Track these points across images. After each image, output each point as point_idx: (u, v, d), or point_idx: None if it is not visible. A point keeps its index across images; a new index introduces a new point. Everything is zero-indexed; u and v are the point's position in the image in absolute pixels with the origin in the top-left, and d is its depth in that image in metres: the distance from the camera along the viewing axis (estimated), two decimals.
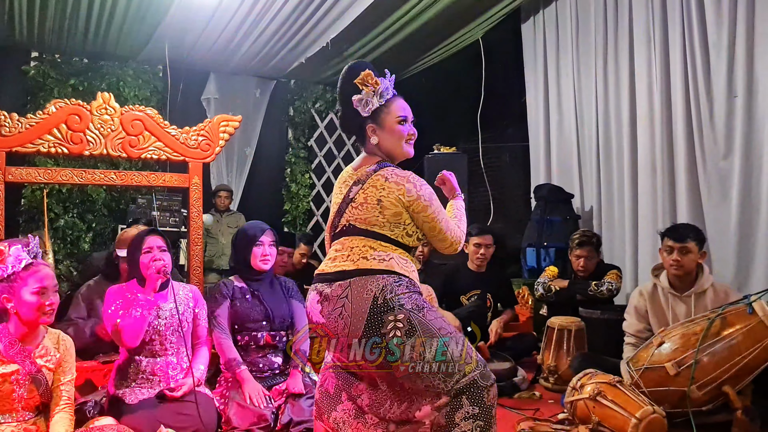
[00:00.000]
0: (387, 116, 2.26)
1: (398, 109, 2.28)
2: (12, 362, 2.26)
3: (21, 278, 2.28)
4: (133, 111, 4.34)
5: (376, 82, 2.23)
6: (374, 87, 2.23)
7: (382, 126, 2.26)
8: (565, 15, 5.77)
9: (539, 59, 6.08)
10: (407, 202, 2.16)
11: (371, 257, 2.13)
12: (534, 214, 5.52)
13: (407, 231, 2.21)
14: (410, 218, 2.20)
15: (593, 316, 4.03)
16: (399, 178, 2.18)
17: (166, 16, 5.47)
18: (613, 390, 2.78)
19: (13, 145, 3.96)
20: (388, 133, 2.27)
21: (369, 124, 2.27)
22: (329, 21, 5.71)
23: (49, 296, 2.30)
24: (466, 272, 4.42)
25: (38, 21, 5.56)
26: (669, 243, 3.27)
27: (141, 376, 2.82)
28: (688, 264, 3.23)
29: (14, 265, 2.27)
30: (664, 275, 3.35)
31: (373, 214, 2.17)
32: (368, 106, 2.24)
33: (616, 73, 5.22)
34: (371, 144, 2.28)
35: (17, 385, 2.24)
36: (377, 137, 2.27)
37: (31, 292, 2.27)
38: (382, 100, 2.24)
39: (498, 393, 3.50)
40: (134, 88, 6.63)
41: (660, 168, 4.75)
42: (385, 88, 2.25)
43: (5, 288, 2.27)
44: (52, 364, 2.36)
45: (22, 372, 2.25)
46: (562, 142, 5.83)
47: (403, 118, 2.28)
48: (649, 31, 4.87)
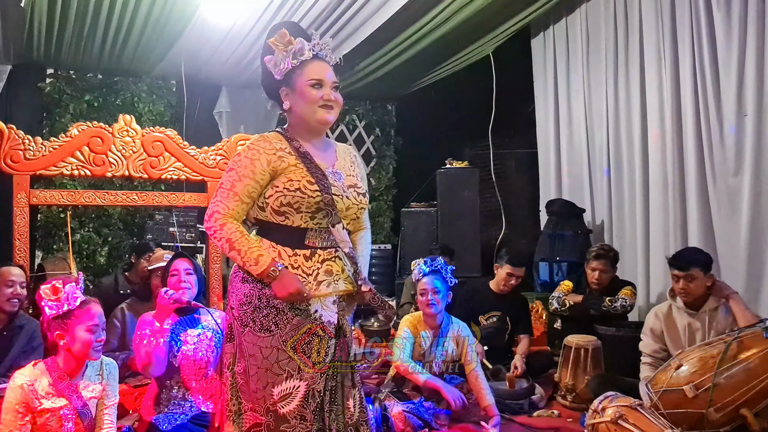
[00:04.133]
0: (299, 78, 2.07)
1: (312, 71, 2.07)
2: (61, 396, 2.34)
3: (75, 316, 2.36)
4: (153, 132, 4.41)
5: (290, 41, 2.05)
6: (287, 46, 2.05)
7: (293, 89, 2.08)
8: (575, 31, 5.84)
9: (549, 74, 6.15)
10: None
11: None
12: (546, 229, 5.58)
13: (257, 204, 2.09)
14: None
15: (609, 333, 4.09)
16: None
17: (181, 35, 5.54)
18: (634, 413, 2.84)
19: (37, 169, 4.03)
20: (299, 97, 2.08)
21: (282, 87, 2.11)
22: (342, 38, 5.78)
23: (100, 333, 2.39)
24: (488, 293, 4.44)
25: (56, 39, 5.63)
26: (674, 272, 3.39)
27: (173, 402, 2.88)
28: (694, 290, 3.34)
29: (69, 303, 2.35)
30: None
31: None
32: (279, 67, 2.07)
33: (627, 89, 5.28)
34: (284, 109, 2.14)
35: (65, 420, 2.32)
36: (289, 101, 2.11)
37: (85, 329, 2.36)
38: (296, 61, 2.06)
39: (517, 411, 3.64)
40: (148, 103, 6.70)
41: (671, 183, 4.81)
42: (300, 48, 2.05)
43: (59, 325, 2.36)
44: (97, 394, 2.44)
45: (69, 407, 2.33)
46: (572, 157, 5.90)
47: (317, 81, 2.07)
48: (660, 48, 4.93)
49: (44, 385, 2.35)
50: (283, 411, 1.96)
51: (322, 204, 2.05)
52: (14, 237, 3.93)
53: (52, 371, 2.38)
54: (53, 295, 2.35)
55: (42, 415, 2.32)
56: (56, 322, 2.37)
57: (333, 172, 2.15)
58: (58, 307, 2.35)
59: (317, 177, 2.06)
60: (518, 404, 3.72)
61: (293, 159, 2.08)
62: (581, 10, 5.78)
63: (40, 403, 2.32)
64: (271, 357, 1.98)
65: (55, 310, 2.35)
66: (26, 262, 3.89)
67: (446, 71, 6.86)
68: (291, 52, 2.05)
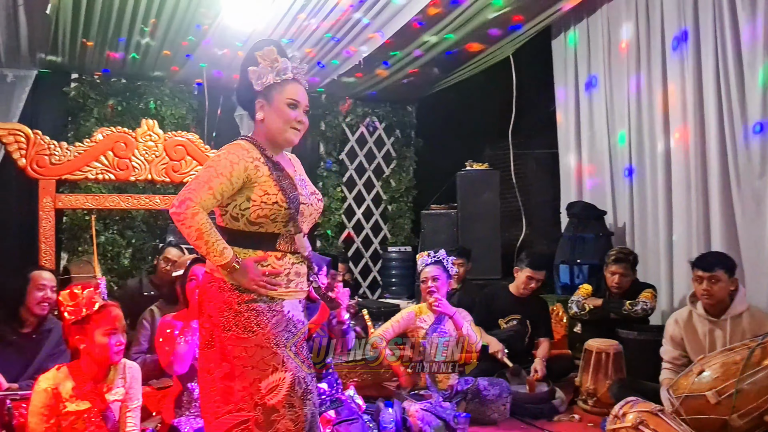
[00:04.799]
0: (278, 95, 2.20)
1: (291, 91, 2.21)
2: (85, 399, 2.38)
3: (94, 320, 2.41)
4: (175, 136, 4.47)
5: (276, 59, 2.18)
6: (272, 63, 2.17)
7: (270, 104, 2.20)
8: (596, 32, 5.80)
9: (570, 75, 6.11)
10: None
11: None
12: (566, 231, 5.55)
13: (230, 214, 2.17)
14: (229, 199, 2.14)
15: (630, 337, 4.07)
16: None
17: (203, 40, 5.60)
18: (654, 419, 2.82)
19: (63, 173, 4.11)
20: (275, 112, 2.20)
21: (259, 98, 2.22)
22: (362, 40, 5.80)
23: (119, 336, 2.43)
24: (507, 296, 4.44)
25: (80, 44, 5.72)
26: (698, 273, 3.33)
27: (195, 404, 2.91)
28: (718, 293, 3.28)
29: (87, 307, 2.39)
30: (700, 302, 3.39)
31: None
32: (261, 79, 2.18)
33: (649, 90, 5.23)
34: (256, 119, 2.24)
35: (89, 423, 2.36)
36: (263, 113, 2.21)
37: (103, 333, 2.40)
38: (278, 78, 2.18)
39: (537, 415, 3.63)
40: (171, 106, 6.76)
41: (694, 185, 4.75)
42: (284, 68, 2.19)
43: (78, 329, 2.40)
44: (120, 396, 2.49)
45: (93, 410, 2.38)
46: (593, 158, 5.86)
47: (295, 102, 2.21)
48: (682, 48, 4.88)
49: (68, 388, 2.40)
50: (271, 403, 2.06)
51: (294, 214, 2.18)
52: (40, 240, 4.01)
53: (76, 375, 2.43)
54: (71, 301, 2.41)
55: (66, 418, 2.37)
56: (75, 327, 2.43)
57: (300, 180, 2.30)
58: (76, 312, 2.40)
59: (290, 189, 2.19)
60: (538, 408, 3.72)
61: (267, 170, 2.18)
62: (602, 11, 5.74)
63: (64, 406, 2.37)
64: (256, 355, 2.08)
65: (74, 315, 2.40)
66: (52, 265, 3.97)
67: (467, 73, 6.84)
68: (275, 69, 2.18)
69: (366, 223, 8.06)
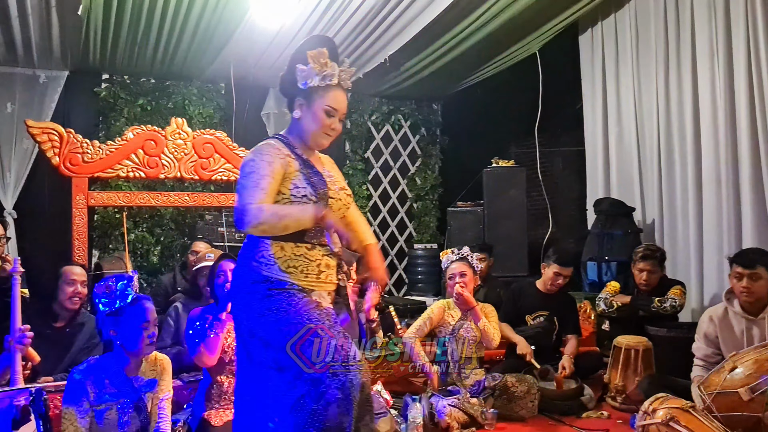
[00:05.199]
0: (319, 99, 2.23)
1: (333, 98, 2.24)
2: (117, 391, 2.44)
3: (126, 312, 2.46)
4: (203, 135, 4.52)
5: (326, 63, 2.21)
6: (322, 67, 2.20)
7: (310, 106, 2.24)
8: (624, 27, 5.74)
9: (597, 71, 6.06)
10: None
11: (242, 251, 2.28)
12: (594, 228, 5.50)
13: None
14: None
15: (660, 334, 4.02)
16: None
17: (231, 39, 5.66)
18: (685, 415, 2.79)
19: (95, 171, 4.18)
20: (312, 116, 2.25)
21: (300, 97, 2.26)
22: (388, 38, 5.81)
23: (151, 329, 2.48)
24: (534, 292, 4.40)
25: (111, 45, 5.81)
26: (738, 270, 3.25)
27: (224, 397, 2.95)
28: (758, 290, 3.21)
29: (120, 300, 2.45)
30: (737, 300, 3.33)
31: None
32: (307, 80, 2.21)
33: (678, 85, 5.17)
34: (293, 116, 2.29)
35: (122, 414, 2.42)
36: (300, 113, 2.26)
37: (136, 325, 2.45)
38: (322, 83, 2.21)
39: (565, 412, 3.61)
40: (198, 106, 6.85)
41: (725, 181, 4.69)
42: (331, 74, 2.22)
43: (112, 321, 2.46)
44: (152, 389, 2.53)
45: (126, 401, 2.43)
46: (621, 155, 5.81)
47: (333, 109, 2.25)
48: (712, 42, 4.81)
49: (101, 380, 2.45)
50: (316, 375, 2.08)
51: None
52: (73, 237, 4.09)
53: (109, 367, 2.48)
54: (105, 293, 2.46)
55: (100, 408, 2.42)
56: (109, 319, 2.49)
57: (329, 175, 2.35)
58: (110, 305, 2.46)
59: (320, 183, 2.25)
60: (566, 405, 3.70)
61: (297, 165, 2.24)
62: (630, 6, 5.68)
63: (97, 397, 2.41)
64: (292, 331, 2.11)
65: (108, 308, 2.46)
66: (84, 261, 4.05)
67: (492, 70, 6.81)
68: (322, 74, 2.21)
69: (391, 221, 8.08)
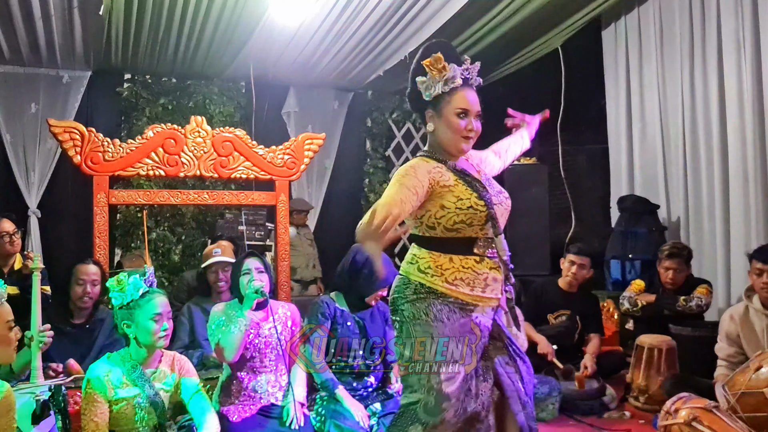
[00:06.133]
0: (447, 105, 2.16)
1: (460, 99, 2.16)
2: (134, 386, 2.45)
3: (139, 306, 2.48)
4: (223, 132, 4.51)
5: (444, 67, 2.12)
6: (440, 72, 2.12)
7: (440, 114, 2.17)
8: (648, 21, 5.64)
9: (621, 67, 5.96)
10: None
11: (404, 263, 2.22)
12: (618, 226, 5.42)
13: (426, 224, 2.15)
14: (419, 208, 2.12)
15: (684, 333, 3.95)
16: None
17: (251, 37, 5.67)
18: (709, 415, 2.73)
19: (115, 170, 4.19)
20: (444, 124, 2.17)
21: (428, 109, 2.20)
22: (407, 35, 5.79)
23: (164, 322, 2.49)
24: (556, 290, 4.35)
25: (132, 45, 5.87)
26: (758, 266, 3.20)
27: (243, 393, 2.95)
28: None
29: (133, 293, 2.46)
30: (756, 296, 3.26)
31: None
32: (429, 90, 2.15)
33: (704, 80, 5.07)
34: (428, 130, 2.23)
35: (139, 408, 2.43)
36: (433, 125, 2.20)
37: (149, 318, 2.47)
38: (446, 88, 2.14)
39: (587, 412, 3.56)
40: (219, 104, 6.89)
41: (752, 178, 4.59)
42: (452, 76, 2.13)
43: (125, 314, 2.48)
44: (169, 387, 2.54)
45: (142, 396, 2.44)
46: (645, 151, 5.71)
47: (463, 111, 2.16)
48: (739, 36, 4.71)
49: (118, 375, 2.46)
50: (447, 391, 2.08)
51: (489, 216, 2.15)
52: (94, 235, 4.11)
53: (125, 361, 2.50)
54: (118, 286, 2.48)
55: (117, 403, 2.43)
56: (122, 313, 2.50)
57: (486, 180, 2.27)
58: (122, 298, 2.48)
59: (481, 192, 2.17)
60: (588, 405, 3.65)
61: (452, 176, 2.17)
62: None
63: (114, 393, 2.43)
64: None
65: (120, 301, 2.48)
66: (105, 260, 4.06)
67: (514, 66, 6.76)
68: (443, 79, 2.13)
69: None
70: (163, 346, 2.53)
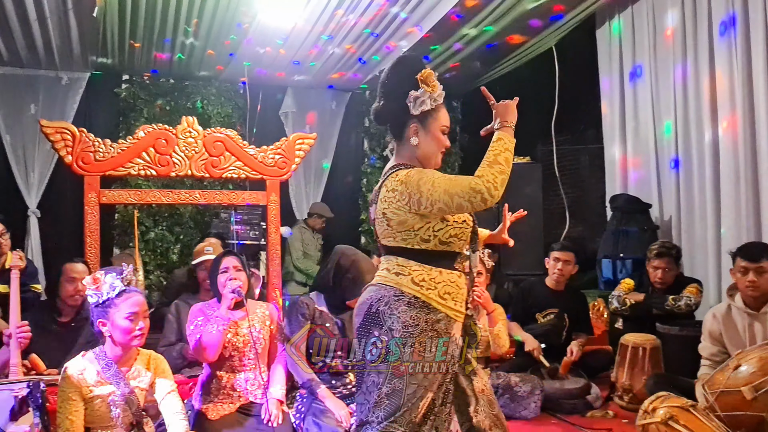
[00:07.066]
0: (434, 122, 2.21)
1: (445, 117, 2.24)
2: (109, 384, 2.47)
3: (115, 304, 2.49)
4: (214, 133, 4.55)
5: (436, 85, 2.19)
6: (433, 90, 2.18)
7: (427, 130, 2.20)
8: (641, 19, 5.62)
9: (614, 65, 5.95)
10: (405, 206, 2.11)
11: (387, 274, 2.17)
12: (609, 225, 5.41)
13: (421, 236, 2.13)
14: (419, 221, 2.12)
15: (671, 333, 3.94)
16: (394, 183, 2.14)
17: (245, 39, 5.71)
18: (685, 414, 2.73)
19: (106, 169, 4.24)
20: (431, 139, 2.21)
21: (414, 123, 2.20)
22: (402, 34, 5.81)
23: (139, 321, 2.50)
24: (544, 289, 4.37)
25: (128, 46, 5.92)
26: (743, 264, 3.19)
27: (222, 391, 2.98)
28: (765, 284, 3.14)
29: (108, 292, 2.48)
30: (738, 295, 3.26)
31: (383, 227, 2.18)
32: (421, 106, 2.17)
33: (696, 79, 5.05)
34: (410, 144, 2.21)
35: (114, 406, 2.45)
36: (418, 139, 2.20)
37: (124, 317, 2.48)
38: (434, 104, 2.19)
39: (571, 411, 3.56)
40: (217, 105, 6.94)
41: (743, 177, 4.56)
42: (440, 94, 2.21)
43: (101, 312, 2.50)
44: (145, 385, 2.57)
45: (117, 394, 2.46)
46: (638, 151, 5.69)
47: (447, 128, 2.25)
48: (730, 35, 4.69)
49: (93, 373, 2.48)
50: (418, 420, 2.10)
51: (473, 231, 2.24)
52: (85, 234, 4.15)
53: (100, 360, 2.51)
54: (93, 285, 2.50)
55: (93, 401, 2.45)
56: (98, 310, 2.51)
57: None
58: (98, 296, 2.49)
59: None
60: (572, 404, 3.65)
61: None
62: None
63: (90, 390, 2.45)
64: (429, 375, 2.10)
65: (96, 299, 2.49)
66: (96, 259, 4.10)
67: (510, 66, 6.76)
68: (434, 96, 2.19)
69: None
70: (137, 345, 2.55)
